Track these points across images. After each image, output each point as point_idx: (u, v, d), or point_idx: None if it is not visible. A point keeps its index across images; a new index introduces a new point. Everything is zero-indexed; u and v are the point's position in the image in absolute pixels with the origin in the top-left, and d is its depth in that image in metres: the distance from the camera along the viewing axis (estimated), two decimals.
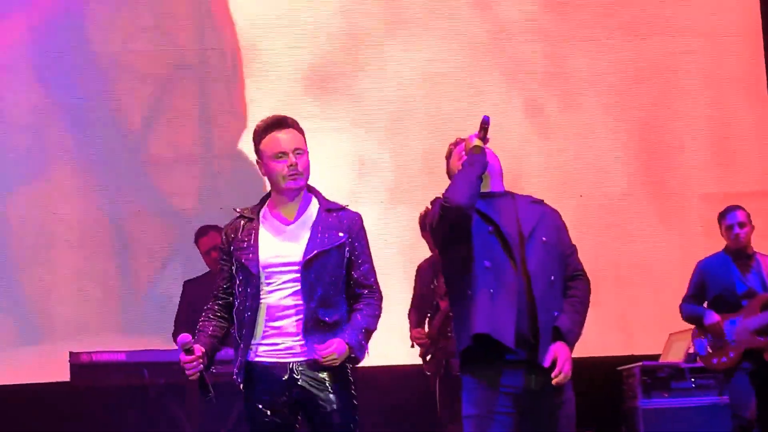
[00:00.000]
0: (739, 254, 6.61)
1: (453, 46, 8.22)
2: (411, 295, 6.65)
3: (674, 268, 6.93)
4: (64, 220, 7.93)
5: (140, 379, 6.32)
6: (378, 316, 4.19)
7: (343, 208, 4.23)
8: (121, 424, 6.83)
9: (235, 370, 4.11)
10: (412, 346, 6.53)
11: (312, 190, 4.25)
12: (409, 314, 6.63)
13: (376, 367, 6.90)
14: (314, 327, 4.03)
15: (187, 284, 6.95)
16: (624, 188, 8.24)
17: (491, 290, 4.15)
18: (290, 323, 4.06)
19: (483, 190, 4.31)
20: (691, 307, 6.70)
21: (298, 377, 4.04)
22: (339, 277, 4.12)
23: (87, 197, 7.95)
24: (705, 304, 6.71)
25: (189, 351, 4.00)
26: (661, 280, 7.67)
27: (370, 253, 4.23)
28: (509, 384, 4.16)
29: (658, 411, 7.30)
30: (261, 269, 4.08)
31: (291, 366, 4.05)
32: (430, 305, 6.52)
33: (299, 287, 4.05)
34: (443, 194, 4.23)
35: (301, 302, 4.04)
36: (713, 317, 6.57)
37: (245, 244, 4.13)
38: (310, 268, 4.05)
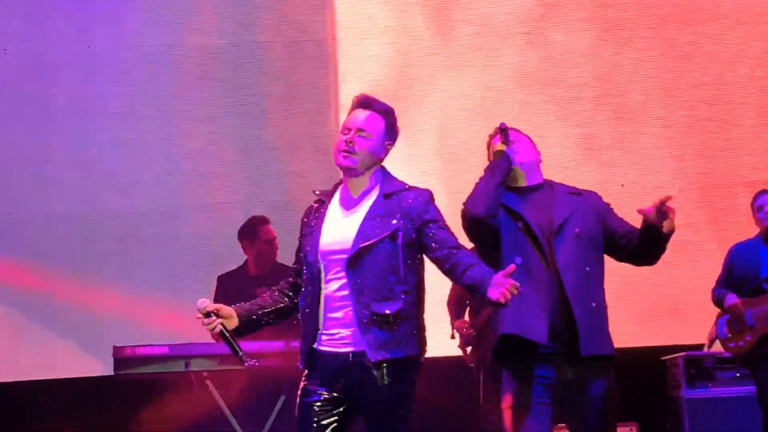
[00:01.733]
0: None
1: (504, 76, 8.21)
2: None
3: (717, 257, 6.86)
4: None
5: (183, 372, 6.34)
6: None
7: (405, 189, 4.08)
8: (163, 417, 6.86)
9: (300, 357, 4.08)
10: (453, 336, 6.52)
11: (384, 174, 4.13)
12: (448, 304, 6.63)
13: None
14: (371, 321, 3.92)
15: (222, 278, 6.98)
16: (667, 177, 8.18)
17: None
18: (345, 314, 3.98)
19: (518, 184, 4.35)
20: (719, 290, 6.65)
21: (353, 368, 3.96)
22: (394, 265, 3.95)
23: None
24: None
25: (207, 314, 4.01)
26: (704, 268, 7.61)
27: (442, 222, 4.04)
28: (543, 375, 4.17)
29: (702, 401, 7.25)
30: (319, 256, 4.02)
31: (346, 356, 3.97)
32: (471, 296, 6.51)
33: (347, 280, 3.97)
34: (464, 203, 4.25)
35: (350, 295, 3.96)
36: (733, 299, 6.50)
37: (310, 230, 4.09)
38: (357, 263, 3.95)
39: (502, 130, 4.31)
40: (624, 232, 4.34)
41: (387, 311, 3.93)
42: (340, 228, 4.04)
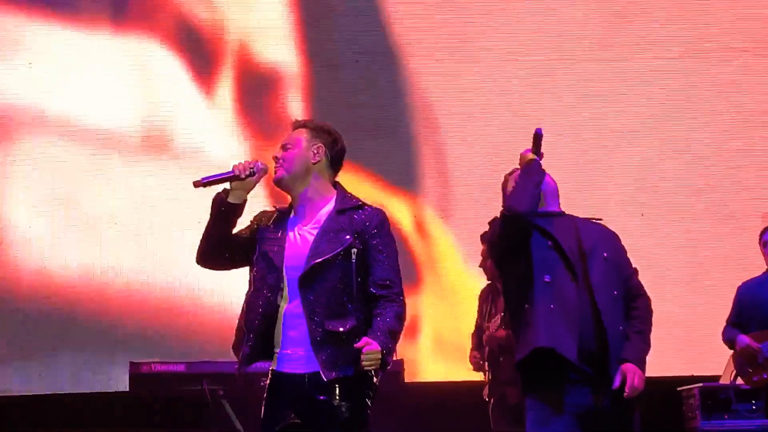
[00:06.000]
0: None
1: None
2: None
3: (733, 288, 6.84)
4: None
5: (199, 390, 6.34)
6: (401, 315, 3.91)
7: (359, 206, 4.01)
8: None
9: (241, 364, 4.02)
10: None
11: (338, 189, 4.08)
12: (471, 336, 6.62)
13: (436, 383, 6.89)
14: (325, 340, 3.85)
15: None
16: (687, 204, 8.19)
17: (551, 306, 4.15)
18: (301, 333, 3.90)
19: (539, 207, 4.37)
20: (729, 331, 6.61)
21: (309, 390, 3.87)
22: (347, 283, 3.90)
23: None
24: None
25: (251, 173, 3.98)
26: (722, 300, 7.60)
27: (390, 251, 3.97)
28: (573, 403, 4.14)
29: None
30: (284, 267, 3.95)
31: (302, 378, 3.89)
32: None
33: (300, 298, 3.90)
34: (505, 205, 4.26)
35: (304, 313, 3.88)
36: (744, 340, 6.47)
37: (273, 236, 4.02)
38: (310, 280, 3.88)
39: (537, 138, 4.31)
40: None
41: (341, 329, 3.86)
42: (296, 244, 3.97)
